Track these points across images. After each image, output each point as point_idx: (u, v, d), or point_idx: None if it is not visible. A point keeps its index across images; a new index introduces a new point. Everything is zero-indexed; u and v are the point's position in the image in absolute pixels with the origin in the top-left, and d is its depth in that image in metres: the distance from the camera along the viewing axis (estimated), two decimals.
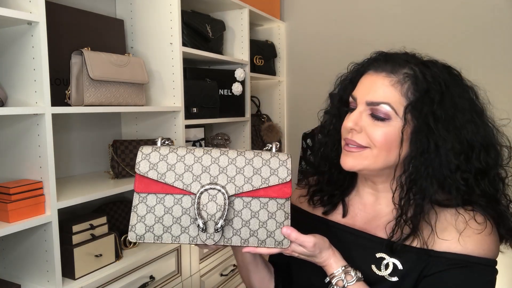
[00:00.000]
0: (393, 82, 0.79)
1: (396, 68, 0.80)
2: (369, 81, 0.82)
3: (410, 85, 0.79)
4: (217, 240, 0.74)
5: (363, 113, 0.81)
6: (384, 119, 0.78)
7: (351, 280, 0.77)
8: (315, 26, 2.60)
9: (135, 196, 0.76)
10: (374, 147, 0.80)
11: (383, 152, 0.80)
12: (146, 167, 0.76)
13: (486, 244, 0.76)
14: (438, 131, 0.76)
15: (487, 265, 0.76)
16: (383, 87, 0.79)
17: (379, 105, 0.79)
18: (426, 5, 2.26)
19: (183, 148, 0.78)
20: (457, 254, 0.76)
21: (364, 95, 0.81)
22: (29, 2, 1.15)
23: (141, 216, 0.75)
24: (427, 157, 0.77)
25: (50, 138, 1.19)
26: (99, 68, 1.37)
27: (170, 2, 1.69)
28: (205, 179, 0.76)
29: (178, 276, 1.68)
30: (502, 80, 2.11)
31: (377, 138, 0.79)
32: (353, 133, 0.81)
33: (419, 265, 0.78)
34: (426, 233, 0.78)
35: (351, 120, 0.81)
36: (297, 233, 0.75)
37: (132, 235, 0.75)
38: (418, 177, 0.78)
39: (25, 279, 1.28)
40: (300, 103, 2.65)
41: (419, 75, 0.79)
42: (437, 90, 0.78)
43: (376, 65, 0.83)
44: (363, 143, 0.80)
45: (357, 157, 0.81)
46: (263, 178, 0.76)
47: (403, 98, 0.78)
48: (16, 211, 1.14)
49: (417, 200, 0.78)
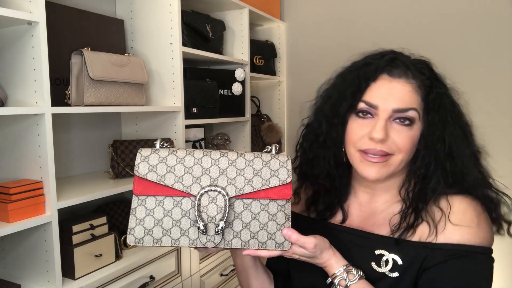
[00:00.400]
0: (415, 87, 0.81)
1: (413, 73, 0.81)
2: (389, 87, 0.80)
3: (427, 88, 0.81)
4: (217, 242, 0.73)
5: (387, 121, 0.80)
6: (411, 124, 0.80)
7: (354, 279, 0.78)
8: (315, 26, 2.60)
9: (133, 199, 0.75)
10: (399, 153, 0.80)
11: (407, 156, 0.81)
12: (145, 169, 0.75)
13: (482, 232, 0.78)
14: (452, 127, 0.81)
15: (484, 253, 0.77)
16: (409, 94, 0.80)
17: (408, 111, 0.79)
18: (426, 5, 2.26)
19: (183, 150, 0.77)
20: (454, 245, 0.77)
21: (388, 103, 0.79)
22: (29, 2, 1.15)
23: (140, 219, 0.74)
24: (441, 152, 0.81)
25: (50, 138, 1.19)
26: (99, 68, 1.37)
27: (170, 2, 1.69)
28: (205, 181, 0.75)
29: (178, 276, 1.68)
30: (503, 79, 2.11)
31: (405, 144, 0.80)
32: (379, 143, 0.79)
33: (419, 258, 0.78)
34: (430, 225, 0.80)
35: (380, 130, 0.78)
36: (297, 235, 0.74)
37: (131, 238, 0.73)
38: (429, 171, 0.81)
39: (25, 279, 1.28)
40: (300, 103, 2.65)
41: (432, 78, 0.82)
42: (444, 90, 0.82)
43: (388, 69, 0.82)
44: (389, 151, 0.80)
45: (383, 166, 0.81)
46: (264, 179, 0.76)
47: (423, 102, 0.81)
48: (16, 211, 1.14)
49: (428, 192, 0.81)
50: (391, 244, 0.81)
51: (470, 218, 0.78)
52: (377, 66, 0.83)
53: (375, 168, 0.81)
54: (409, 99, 0.79)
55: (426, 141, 0.81)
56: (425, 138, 0.81)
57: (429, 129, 0.81)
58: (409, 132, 0.80)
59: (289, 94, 2.73)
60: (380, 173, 0.81)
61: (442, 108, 0.81)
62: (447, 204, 0.80)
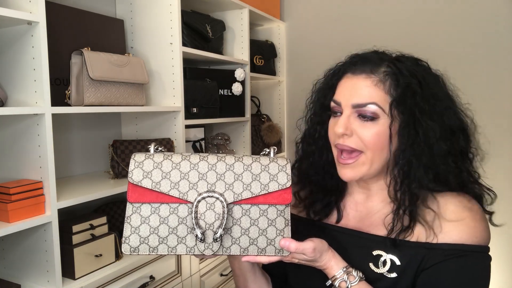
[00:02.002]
0: (375, 81, 0.80)
1: (375, 68, 0.81)
2: (350, 84, 0.82)
3: (391, 82, 0.80)
4: (216, 250, 0.71)
5: (350, 116, 0.81)
6: (373, 119, 0.79)
7: (354, 281, 0.78)
8: (315, 26, 2.60)
9: (128, 206, 0.72)
10: (367, 150, 0.80)
11: (377, 153, 0.81)
12: (139, 176, 0.73)
13: (478, 231, 0.78)
14: (425, 122, 0.79)
15: (481, 252, 0.77)
16: (367, 88, 0.80)
17: (366, 106, 0.79)
18: (426, 6, 2.26)
19: (178, 155, 0.75)
20: (452, 244, 0.77)
21: (348, 99, 0.81)
22: (29, 2, 1.15)
23: (135, 227, 0.72)
24: (417, 147, 0.79)
25: (50, 138, 1.19)
26: (99, 68, 1.37)
27: (170, 2, 1.69)
28: (202, 186, 0.73)
29: (178, 276, 1.68)
30: (503, 79, 2.12)
31: (369, 138, 0.79)
32: (345, 138, 0.81)
33: (417, 259, 0.78)
34: (425, 225, 0.79)
35: (341, 125, 0.80)
36: (296, 243, 0.74)
37: (126, 247, 0.71)
38: (411, 168, 0.80)
39: (25, 279, 1.28)
40: (300, 103, 2.64)
41: (397, 71, 0.80)
42: (416, 83, 0.80)
43: (353, 67, 0.84)
44: (356, 147, 0.80)
45: (354, 166, 0.82)
46: (263, 184, 0.74)
47: (387, 95, 0.80)
48: (16, 211, 1.14)
49: (413, 190, 0.80)
50: (388, 244, 0.81)
51: (467, 217, 0.78)
52: (344, 66, 0.86)
53: (348, 169, 0.82)
54: (368, 94, 0.79)
55: (400, 136, 0.80)
56: (400, 133, 0.80)
57: (400, 123, 0.80)
58: (374, 127, 0.79)
59: (289, 94, 2.73)
60: (353, 173, 0.82)
61: (412, 102, 0.79)
62: (438, 203, 0.80)
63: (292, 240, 0.74)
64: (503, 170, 2.07)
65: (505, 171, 2.08)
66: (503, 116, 2.11)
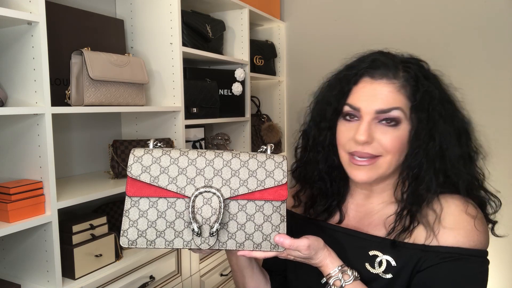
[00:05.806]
0: (398, 87, 0.80)
1: (395, 73, 0.81)
2: (371, 89, 0.81)
3: (412, 87, 0.80)
4: (212, 244, 0.73)
5: (371, 123, 0.80)
6: (396, 124, 0.79)
7: (349, 280, 0.78)
8: (315, 26, 2.60)
9: (126, 200, 0.74)
10: (387, 154, 0.80)
11: (396, 157, 0.81)
12: (138, 170, 0.74)
13: (476, 235, 0.77)
14: (441, 126, 0.79)
15: (478, 256, 0.77)
16: (391, 94, 0.79)
17: (391, 111, 0.79)
18: (426, 5, 2.26)
19: (177, 150, 0.76)
20: (449, 247, 0.76)
21: (370, 104, 0.79)
22: (29, 2, 1.15)
23: (133, 220, 0.73)
24: (431, 151, 0.79)
25: (50, 138, 1.19)
26: (99, 68, 1.37)
27: (170, 2, 1.69)
28: (199, 182, 0.74)
29: (178, 276, 1.68)
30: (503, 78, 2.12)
31: (391, 144, 0.79)
32: (364, 146, 0.80)
33: (412, 260, 0.78)
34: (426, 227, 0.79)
35: (362, 132, 0.78)
36: (290, 240, 0.74)
37: (124, 240, 0.73)
38: (422, 171, 0.80)
39: (25, 279, 1.28)
40: (300, 103, 2.65)
41: (415, 76, 0.80)
42: (433, 87, 0.81)
43: (371, 72, 0.82)
44: (375, 153, 0.80)
45: (371, 168, 0.81)
46: (259, 180, 0.75)
47: (408, 101, 0.80)
48: (16, 211, 1.14)
49: (421, 192, 0.80)
50: (385, 245, 0.81)
51: (465, 220, 0.77)
52: (358, 69, 0.84)
53: (363, 171, 0.81)
54: (392, 99, 0.79)
55: (416, 140, 0.80)
56: (415, 137, 0.80)
57: (418, 127, 0.80)
58: (396, 132, 0.79)
59: (289, 94, 2.73)
60: (369, 175, 0.81)
61: (431, 106, 0.79)
62: (440, 205, 0.80)
63: (287, 236, 0.74)
64: (503, 170, 2.07)
65: (505, 170, 2.08)
66: (503, 116, 2.12)
